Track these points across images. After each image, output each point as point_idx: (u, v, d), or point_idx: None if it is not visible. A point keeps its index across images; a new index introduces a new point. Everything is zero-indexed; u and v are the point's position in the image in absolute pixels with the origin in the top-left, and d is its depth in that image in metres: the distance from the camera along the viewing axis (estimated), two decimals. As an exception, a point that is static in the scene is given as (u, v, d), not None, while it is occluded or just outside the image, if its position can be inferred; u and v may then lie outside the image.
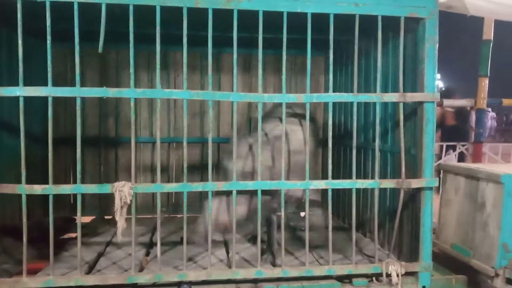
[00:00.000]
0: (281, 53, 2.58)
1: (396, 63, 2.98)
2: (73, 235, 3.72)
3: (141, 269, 2.74)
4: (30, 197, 2.44)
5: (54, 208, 2.44)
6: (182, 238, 2.63)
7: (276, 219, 3.09)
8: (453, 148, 6.63)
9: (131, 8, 2.40)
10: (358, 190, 2.77)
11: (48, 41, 2.34)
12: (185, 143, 2.55)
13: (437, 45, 2.71)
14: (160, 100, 2.56)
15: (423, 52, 2.71)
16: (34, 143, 3.57)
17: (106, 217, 4.17)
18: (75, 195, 2.53)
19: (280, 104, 2.71)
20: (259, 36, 2.54)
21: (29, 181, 2.43)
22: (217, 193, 2.75)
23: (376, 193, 2.74)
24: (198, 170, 4.29)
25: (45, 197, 2.46)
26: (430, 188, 2.72)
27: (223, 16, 2.50)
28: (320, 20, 2.57)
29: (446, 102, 5.85)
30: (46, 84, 2.42)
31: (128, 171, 4.19)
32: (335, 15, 2.61)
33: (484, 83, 5.79)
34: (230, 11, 2.52)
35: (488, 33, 5.62)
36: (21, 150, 2.37)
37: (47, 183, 2.43)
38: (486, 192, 3.30)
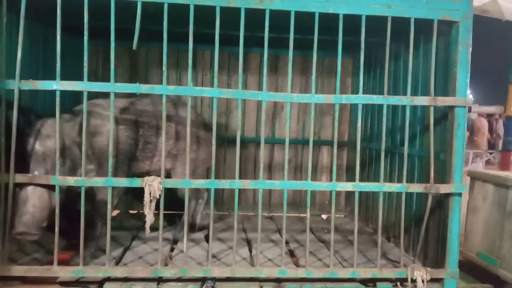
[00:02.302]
0: (308, 54, 2.60)
1: (426, 66, 2.95)
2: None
3: (165, 264, 2.79)
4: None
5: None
6: (207, 235, 2.66)
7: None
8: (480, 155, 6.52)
9: (165, 6, 2.44)
10: (383, 193, 2.75)
11: (85, 38, 2.41)
12: (214, 141, 2.58)
13: (470, 48, 2.68)
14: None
15: (456, 56, 2.67)
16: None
17: (130, 211, 4.26)
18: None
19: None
20: (290, 36, 2.55)
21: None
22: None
23: (403, 197, 2.72)
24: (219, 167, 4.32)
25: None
26: (459, 194, 2.68)
27: (251, 16, 2.52)
28: (349, 21, 2.57)
29: (475, 109, 5.75)
30: (78, 79, 2.48)
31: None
32: (367, 17, 2.60)
33: (515, 90, 5.66)
34: (261, 11, 2.54)
35: (521, 38, 5.50)
36: (56, 142, 2.44)
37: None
38: (515, 200, 3.23)
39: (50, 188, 2.50)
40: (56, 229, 2.46)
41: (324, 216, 4.53)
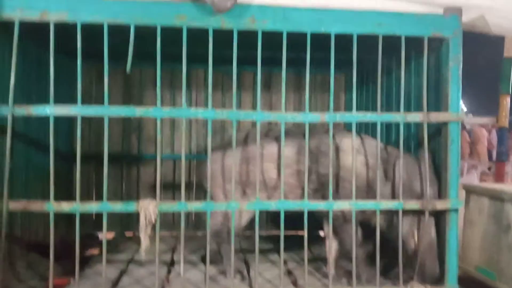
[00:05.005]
0: (301, 71, 2.61)
1: (419, 82, 2.97)
2: (94, 251, 3.75)
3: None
4: (55, 213, 2.47)
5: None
6: (203, 257, 2.63)
7: None
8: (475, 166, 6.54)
9: (158, 29, 2.45)
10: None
11: (79, 62, 2.41)
12: (209, 162, 2.58)
13: (461, 64, 2.70)
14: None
15: (447, 72, 2.70)
16: (58, 159, 3.63)
17: (126, 233, 4.21)
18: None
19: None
20: (283, 56, 2.57)
21: (54, 197, 2.46)
22: None
23: (400, 214, 2.71)
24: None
25: (68, 214, 2.50)
26: (456, 210, 2.68)
27: (244, 36, 2.54)
28: (341, 38, 2.60)
29: (467, 120, 5.79)
30: (71, 101, 2.47)
31: (150, 188, 4.24)
32: (358, 35, 2.63)
33: (506, 101, 5.71)
34: (253, 32, 2.56)
35: (510, 50, 5.57)
36: (49, 167, 2.41)
37: (70, 199, 2.47)
38: (511, 213, 3.23)
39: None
40: (51, 255, 2.42)
41: (321, 233, 4.49)
